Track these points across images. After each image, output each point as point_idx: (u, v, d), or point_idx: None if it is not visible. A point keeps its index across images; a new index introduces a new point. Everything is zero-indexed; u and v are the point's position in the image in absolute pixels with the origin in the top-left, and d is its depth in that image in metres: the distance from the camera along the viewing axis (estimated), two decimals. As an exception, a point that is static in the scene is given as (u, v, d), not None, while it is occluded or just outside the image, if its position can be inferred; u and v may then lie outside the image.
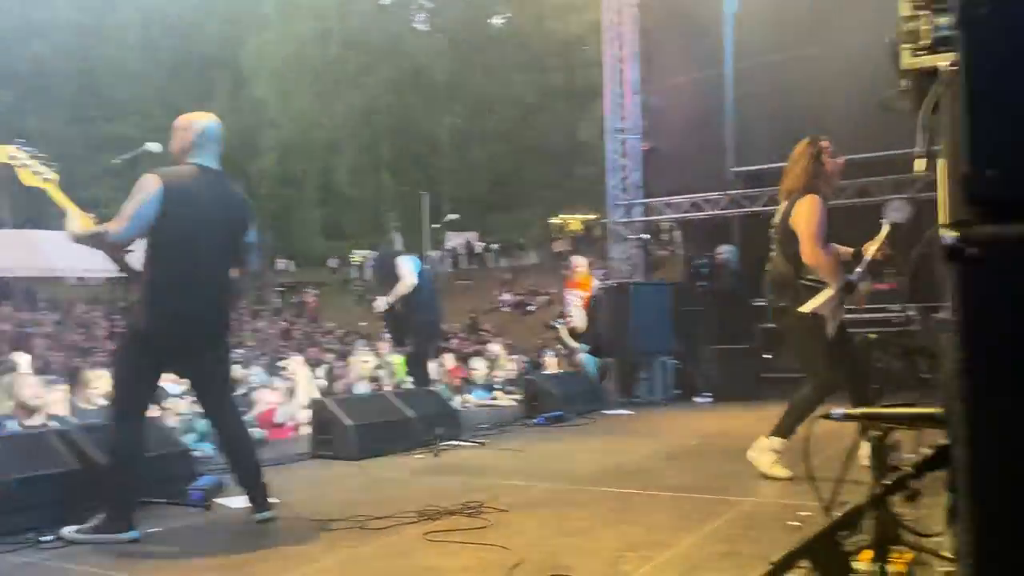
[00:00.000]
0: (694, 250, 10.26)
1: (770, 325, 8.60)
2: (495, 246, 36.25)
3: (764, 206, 9.06)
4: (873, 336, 6.88)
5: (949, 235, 1.06)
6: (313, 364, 10.49)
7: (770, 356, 8.82)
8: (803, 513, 3.25)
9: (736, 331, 8.82)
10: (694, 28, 10.40)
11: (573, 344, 9.19)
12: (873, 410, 1.76)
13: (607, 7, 11.18)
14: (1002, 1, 1.07)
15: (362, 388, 8.88)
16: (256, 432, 5.79)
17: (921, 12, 1.82)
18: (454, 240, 37.22)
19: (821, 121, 7.49)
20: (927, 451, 1.62)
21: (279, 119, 34.77)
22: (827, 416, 1.95)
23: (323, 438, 5.52)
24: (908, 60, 1.69)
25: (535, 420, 7.08)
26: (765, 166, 8.98)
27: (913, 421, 1.72)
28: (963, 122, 1.08)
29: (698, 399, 8.66)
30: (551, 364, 10.24)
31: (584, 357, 9.00)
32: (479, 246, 36.72)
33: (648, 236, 11.04)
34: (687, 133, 10.30)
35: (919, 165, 1.64)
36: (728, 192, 9.85)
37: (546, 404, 7.31)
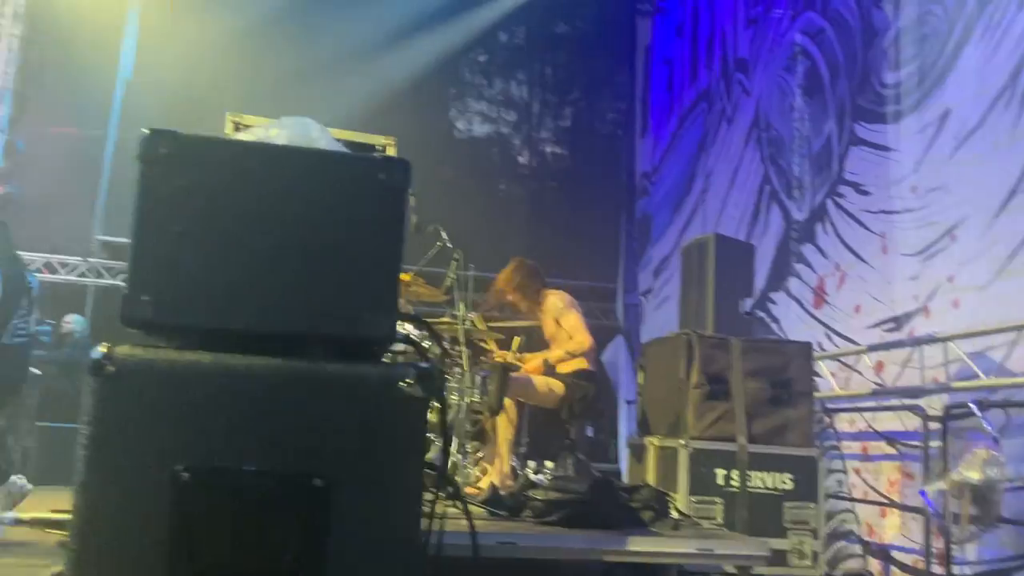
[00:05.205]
0: (39, 314, 9.30)
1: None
2: None
3: (125, 280, 8.77)
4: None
5: (97, 351, 1.16)
6: None
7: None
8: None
9: (70, 408, 8.18)
10: (83, 81, 9.79)
11: None
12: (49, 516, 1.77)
13: (-16, 28, 9.86)
14: (182, 147, 1.24)
15: None
16: None
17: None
18: None
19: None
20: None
21: None
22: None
23: None
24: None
25: None
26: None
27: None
28: (130, 249, 1.21)
29: (16, 479, 7.67)
30: None
31: None
32: None
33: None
34: (54, 187, 9.46)
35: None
36: (89, 259, 9.27)
37: None
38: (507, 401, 4.95)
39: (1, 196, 9.68)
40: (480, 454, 5.30)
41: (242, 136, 1.53)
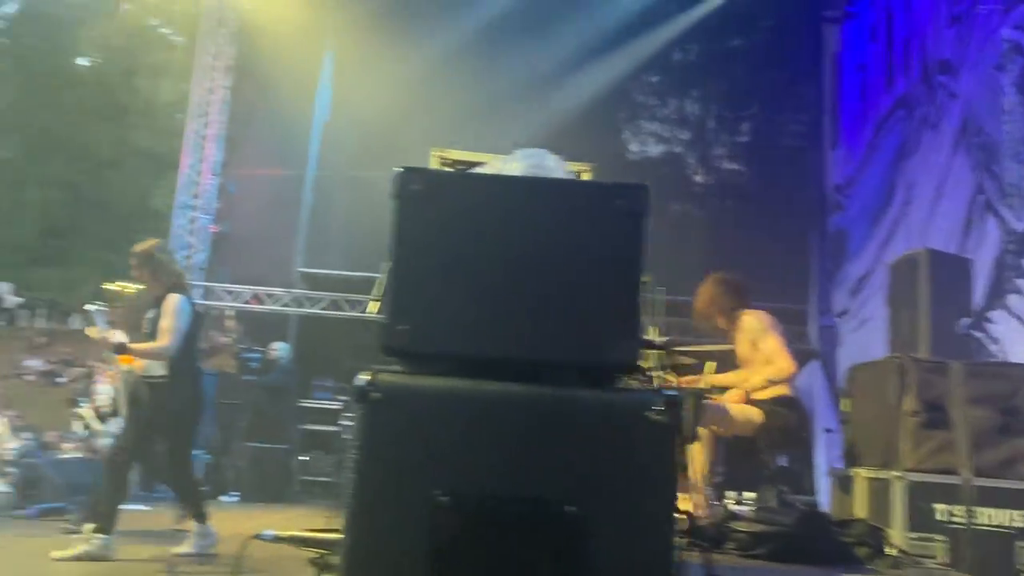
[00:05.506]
0: (248, 342, 10.08)
1: (312, 427, 8.77)
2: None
3: (324, 309, 9.35)
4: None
5: (361, 378, 1.21)
6: None
7: (307, 458, 8.90)
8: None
9: (276, 430, 8.76)
10: (284, 124, 10.59)
11: (98, 426, 8.30)
12: (305, 534, 1.86)
13: (199, 81, 10.89)
14: (433, 183, 1.29)
15: None
16: None
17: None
18: (-23, 288, 31.68)
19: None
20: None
21: None
22: (258, 536, 2.01)
23: None
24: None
25: (26, 511, 6.18)
26: (330, 271, 9.33)
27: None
28: (387, 280, 1.26)
29: (224, 498, 8.31)
30: (69, 447, 9.05)
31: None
32: (12, 300, 31.72)
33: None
34: (260, 225, 10.30)
35: (372, 307, 1.84)
36: (291, 290, 9.96)
37: (45, 493, 6.44)
38: (701, 429, 4.78)
39: (216, 234, 10.63)
40: (673, 482, 5.15)
41: (482, 170, 1.57)
